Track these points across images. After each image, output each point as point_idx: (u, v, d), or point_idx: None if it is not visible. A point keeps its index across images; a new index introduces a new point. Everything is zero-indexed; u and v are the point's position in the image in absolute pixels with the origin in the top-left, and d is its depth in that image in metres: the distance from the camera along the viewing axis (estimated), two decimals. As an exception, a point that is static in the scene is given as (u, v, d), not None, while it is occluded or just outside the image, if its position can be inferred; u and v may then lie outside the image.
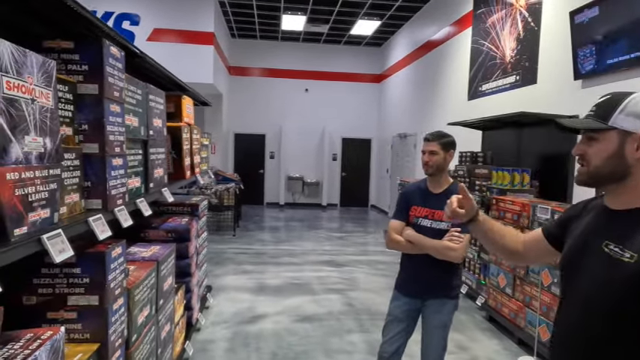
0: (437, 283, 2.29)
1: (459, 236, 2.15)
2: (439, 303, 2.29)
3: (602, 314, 1.01)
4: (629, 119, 0.99)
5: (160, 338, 2.29)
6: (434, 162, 2.26)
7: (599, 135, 1.03)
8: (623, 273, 0.96)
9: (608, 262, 1.00)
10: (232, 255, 6.27)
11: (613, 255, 1.00)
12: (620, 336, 0.99)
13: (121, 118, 1.68)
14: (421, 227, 2.28)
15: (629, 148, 1.00)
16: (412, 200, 2.36)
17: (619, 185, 1.04)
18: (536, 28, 4.84)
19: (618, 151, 1.01)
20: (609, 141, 1.02)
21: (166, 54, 7.90)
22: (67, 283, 1.54)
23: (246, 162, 11.70)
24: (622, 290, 0.97)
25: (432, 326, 2.30)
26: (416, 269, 2.33)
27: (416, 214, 2.32)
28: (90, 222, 1.40)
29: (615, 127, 1.01)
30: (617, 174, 1.03)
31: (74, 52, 1.50)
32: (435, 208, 2.27)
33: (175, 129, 2.86)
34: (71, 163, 1.42)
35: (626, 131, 1.00)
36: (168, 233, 3.07)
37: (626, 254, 0.97)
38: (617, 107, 1.01)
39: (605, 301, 1.00)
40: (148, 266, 2.09)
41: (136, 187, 1.98)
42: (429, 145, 2.28)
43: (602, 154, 1.03)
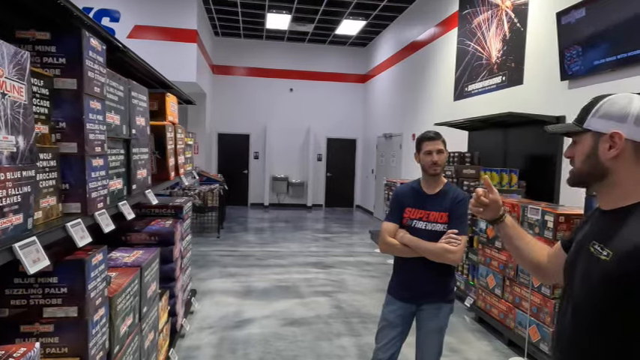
0: (433, 287, 2.22)
1: (456, 238, 2.10)
2: (435, 307, 2.23)
3: (585, 312, 1.03)
4: (600, 121, 1.04)
5: (144, 348, 2.18)
6: (442, 161, 2.21)
7: (579, 137, 1.10)
8: (599, 271, 0.98)
9: (590, 261, 1.03)
10: (217, 257, 6.13)
11: (595, 254, 1.02)
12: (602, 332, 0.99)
13: (101, 116, 1.57)
14: (415, 229, 2.21)
15: (602, 148, 1.04)
16: (406, 202, 2.29)
17: (602, 185, 1.08)
18: (522, 28, 4.86)
19: (593, 152, 1.05)
20: (585, 143, 1.07)
21: (148, 52, 7.66)
22: (42, 293, 1.43)
23: (230, 162, 11.53)
24: (599, 288, 0.99)
25: (428, 331, 2.24)
26: (411, 273, 2.25)
27: (410, 215, 2.25)
28: (68, 228, 1.29)
29: (589, 130, 1.06)
30: (595, 174, 1.07)
31: (50, 43, 1.39)
32: (429, 209, 2.22)
33: (159, 128, 2.74)
34: (47, 163, 1.31)
35: (599, 132, 1.04)
36: (152, 236, 2.94)
37: (604, 252, 0.99)
38: (591, 110, 1.06)
39: (587, 300, 1.02)
40: (131, 272, 1.97)
41: (118, 189, 1.87)
42: (436, 144, 2.20)
43: (581, 155, 1.08)
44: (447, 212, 2.18)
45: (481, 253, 4.06)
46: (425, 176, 2.28)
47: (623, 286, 0.93)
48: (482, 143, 5.49)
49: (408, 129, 8.41)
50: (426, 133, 2.26)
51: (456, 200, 2.19)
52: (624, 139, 1.00)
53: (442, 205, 2.19)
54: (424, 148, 2.23)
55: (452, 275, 2.29)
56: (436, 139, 2.22)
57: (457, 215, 2.17)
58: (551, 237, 3.12)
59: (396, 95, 9.43)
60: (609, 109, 1.04)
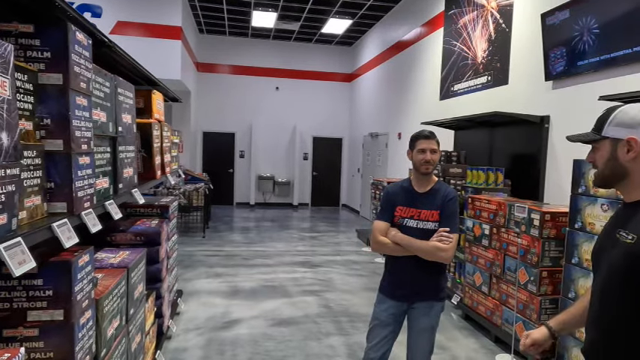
0: (425, 286, 2.23)
1: (447, 236, 2.10)
2: (427, 306, 2.23)
3: (611, 290, 1.16)
4: (616, 129, 1.19)
5: (131, 350, 2.13)
6: (435, 160, 2.20)
7: (598, 144, 1.23)
8: (625, 253, 1.11)
9: (617, 246, 1.15)
10: (203, 257, 6.06)
11: (621, 239, 1.14)
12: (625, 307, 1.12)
13: (88, 113, 1.52)
14: (407, 228, 2.21)
15: (620, 152, 1.18)
16: (397, 200, 2.28)
17: (624, 184, 1.21)
18: (508, 29, 4.92)
19: (613, 156, 1.19)
20: (605, 148, 1.21)
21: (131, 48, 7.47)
22: (26, 296, 1.38)
23: (215, 161, 11.42)
24: (624, 267, 1.11)
25: (419, 329, 2.24)
26: (403, 272, 2.25)
27: (401, 214, 2.24)
28: (54, 228, 1.24)
29: (607, 137, 1.20)
30: (617, 174, 1.20)
31: (34, 36, 1.33)
32: (421, 207, 2.21)
33: (145, 126, 2.68)
34: (31, 161, 1.26)
35: (616, 138, 1.18)
36: (137, 237, 2.88)
37: (629, 237, 1.12)
38: (607, 120, 1.20)
39: (613, 279, 1.14)
40: (118, 274, 1.92)
41: (104, 188, 1.82)
42: (430, 143, 2.20)
43: (602, 159, 1.22)
44: (438, 210, 2.18)
45: (468, 251, 4.10)
46: (416, 174, 2.27)
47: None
48: (468, 142, 5.54)
49: (394, 128, 8.45)
50: (422, 131, 2.26)
51: (446, 198, 2.19)
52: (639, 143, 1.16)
53: (433, 204, 2.20)
54: (418, 146, 2.22)
55: (443, 273, 2.30)
56: (431, 138, 2.22)
57: (448, 213, 2.17)
58: (537, 235, 3.16)
59: (382, 94, 9.47)
60: (623, 117, 1.18)
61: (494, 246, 3.69)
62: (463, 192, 4.55)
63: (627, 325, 1.12)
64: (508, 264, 3.50)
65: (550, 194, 4.10)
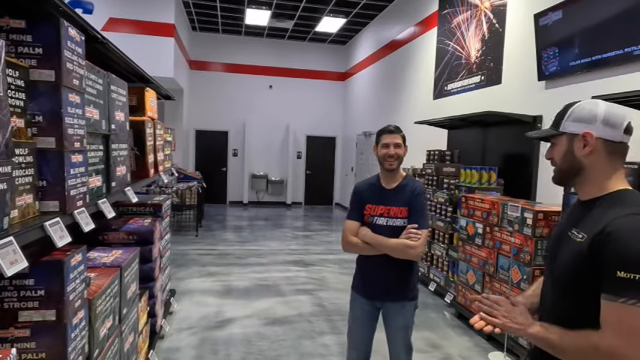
0: (395, 285, 2.19)
1: (416, 233, 2.06)
2: (399, 305, 2.20)
3: (562, 282, 1.20)
4: (574, 124, 1.20)
5: (124, 350, 2.11)
6: (399, 155, 2.16)
7: (556, 140, 1.25)
8: (575, 250, 1.14)
9: (569, 244, 1.18)
10: (196, 256, 6.03)
11: (572, 237, 1.18)
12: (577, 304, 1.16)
13: (80, 110, 1.50)
14: (377, 226, 2.17)
15: (577, 147, 1.20)
16: (366, 198, 2.24)
17: (579, 179, 1.23)
18: (501, 29, 4.94)
19: (569, 151, 1.21)
20: (562, 143, 1.23)
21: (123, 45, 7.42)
22: (17, 296, 1.36)
23: (208, 160, 11.35)
24: (574, 263, 1.14)
25: (394, 329, 2.22)
26: (373, 271, 2.22)
27: (371, 212, 2.20)
28: (46, 227, 1.22)
29: (565, 132, 1.21)
30: (573, 170, 1.22)
31: (26, 32, 1.31)
32: (390, 204, 2.16)
33: (138, 123, 2.66)
34: (23, 159, 1.24)
35: (573, 134, 1.20)
36: (130, 235, 2.85)
37: (579, 235, 1.15)
38: (565, 115, 1.22)
39: (565, 273, 1.18)
40: (111, 273, 1.90)
41: (97, 187, 1.80)
42: (394, 138, 2.16)
43: (560, 155, 1.23)
44: (406, 206, 2.14)
45: (461, 250, 4.12)
46: (382, 171, 2.23)
47: (591, 260, 1.09)
48: (462, 142, 5.57)
49: (387, 127, 8.45)
50: (387, 126, 2.23)
51: (414, 193, 2.15)
52: (595, 138, 1.17)
53: (401, 200, 2.15)
54: (382, 140, 2.19)
55: (414, 272, 2.25)
56: (395, 132, 2.18)
57: (416, 209, 2.13)
58: (530, 234, 3.18)
59: (375, 93, 9.48)
60: (580, 113, 1.20)
61: (487, 245, 3.71)
62: (457, 191, 4.57)
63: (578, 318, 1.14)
64: (501, 263, 3.52)
65: (542, 193, 4.13)
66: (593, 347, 1.05)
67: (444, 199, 4.74)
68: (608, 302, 1.04)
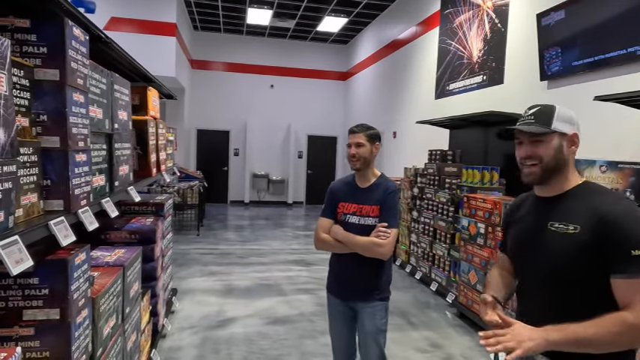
0: (366, 285, 2.15)
1: (385, 231, 2.04)
2: (370, 307, 2.15)
3: (565, 281, 1.23)
4: (563, 124, 1.29)
5: (127, 349, 2.11)
6: (361, 155, 2.13)
7: (544, 138, 1.28)
8: (571, 242, 1.21)
9: (557, 238, 1.25)
10: (197, 256, 6.03)
11: (559, 231, 1.25)
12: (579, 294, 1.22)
13: (84, 109, 1.50)
14: (349, 224, 2.15)
15: (565, 145, 1.29)
16: (339, 196, 2.23)
17: (557, 176, 1.30)
18: (503, 29, 4.94)
19: (559, 148, 1.28)
20: (553, 141, 1.28)
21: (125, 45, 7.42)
22: (22, 295, 1.36)
23: (209, 159, 11.36)
24: (573, 255, 1.20)
25: (366, 333, 2.17)
26: (344, 270, 2.20)
27: (344, 210, 2.19)
28: (51, 226, 1.23)
29: (556, 131, 1.28)
30: (559, 166, 1.29)
31: (31, 31, 1.31)
32: (362, 203, 2.14)
33: (141, 123, 2.66)
34: (27, 158, 1.24)
35: (563, 133, 1.28)
36: (132, 235, 2.86)
37: (570, 227, 1.23)
38: (553, 116, 1.29)
39: (565, 269, 1.22)
40: (114, 272, 1.91)
41: (100, 186, 1.80)
42: (355, 137, 2.15)
43: (550, 152, 1.28)
44: (378, 205, 2.11)
45: (463, 250, 4.11)
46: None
47: (596, 248, 1.17)
48: (464, 141, 5.56)
49: (389, 127, 8.46)
50: (353, 126, 2.23)
51: (386, 192, 2.13)
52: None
53: (373, 199, 2.13)
54: (348, 141, 2.20)
55: (385, 271, 2.19)
56: (357, 132, 2.16)
57: (387, 207, 2.10)
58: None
59: (377, 93, 9.47)
60: (565, 114, 1.30)
61: (489, 244, 3.71)
62: (458, 191, 4.56)
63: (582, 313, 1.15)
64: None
65: (544, 193, 4.12)
66: (628, 326, 1.09)
67: (445, 199, 4.74)
68: (627, 281, 1.12)
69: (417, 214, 5.42)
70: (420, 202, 5.33)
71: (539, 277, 1.30)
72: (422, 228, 5.26)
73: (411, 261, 5.55)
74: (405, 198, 5.80)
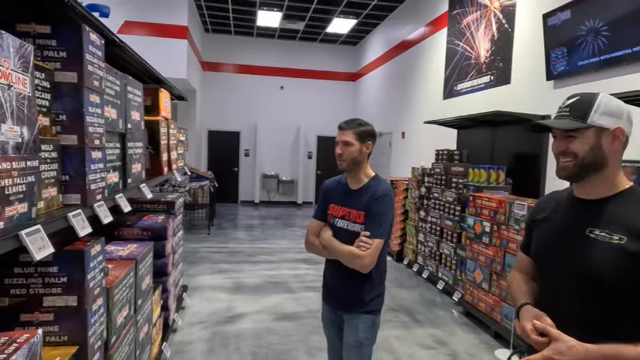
0: (351, 295, 1.96)
1: (366, 242, 1.83)
2: (354, 318, 1.97)
3: (602, 292, 1.12)
4: (603, 117, 1.15)
5: (139, 339, 2.21)
6: (348, 154, 1.93)
7: (578, 133, 1.17)
8: (616, 253, 1.09)
9: (597, 246, 1.13)
10: (207, 254, 6.14)
11: (601, 239, 1.13)
12: (617, 308, 1.12)
13: (100, 109, 1.59)
14: (337, 229, 1.99)
15: (606, 141, 1.16)
16: (331, 197, 2.07)
17: (597, 175, 1.18)
18: (510, 29, 4.96)
19: (597, 144, 1.16)
20: (589, 137, 1.16)
21: (138, 47, 7.59)
22: (42, 283, 1.46)
23: (220, 160, 11.51)
24: (615, 267, 1.09)
25: (346, 344, 2.01)
26: (332, 277, 2.07)
27: (333, 213, 2.02)
28: (69, 218, 1.32)
29: (593, 125, 1.15)
30: (597, 164, 1.17)
31: (51, 37, 1.41)
32: (352, 207, 1.96)
33: (153, 123, 2.76)
34: (48, 155, 1.34)
35: (602, 127, 1.15)
36: (144, 231, 2.96)
37: (614, 237, 1.11)
38: (591, 108, 1.16)
39: (604, 279, 1.11)
40: (127, 265, 2.00)
41: (115, 183, 1.89)
42: (342, 135, 1.94)
43: (585, 148, 1.16)
44: (364, 211, 1.91)
45: (469, 248, 4.15)
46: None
47: None
48: (471, 141, 5.59)
49: (397, 127, 8.50)
50: (342, 122, 2.00)
51: (374, 197, 1.91)
52: (625, 134, 1.16)
53: (361, 203, 1.93)
54: (336, 138, 1.99)
55: (375, 282, 1.96)
56: (345, 128, 1.96)
57: (372, 214, 1.88)
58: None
59: (386, 93, 9.52)
60: (608, 106, 1.16)
61: (494, 243, 3.74)
62: (465, 190, 4.60)
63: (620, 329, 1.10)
64: (508, 261, 3.55)
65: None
66: None
67: (452, 199, 4.77)
68: None
69: (424, 213, 5.46)
70: (428, 201, 5.37)
71: (572, 285, 1.18)
72: (429, 227, 5.29)
73: (419, 260, 5.59)
74: (413, 197, 5.84)
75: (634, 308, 1.11)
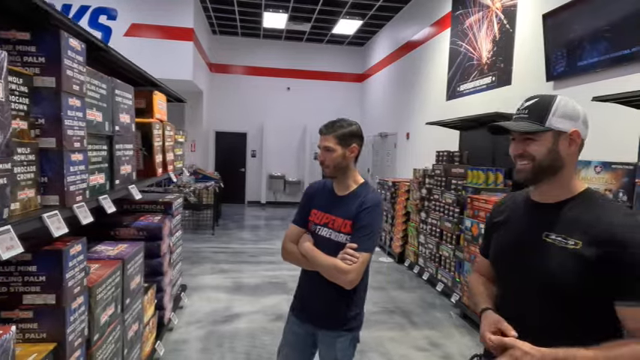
0: (329, 310, 1.81)
1: (353, 254, 1.68)
2: (332, 336, 1.81)
3: (559, 296, 1.12)
4: (561, 120, 1.15)
5: (127, 338, 2.25)
6: (330, 161, 1.79)
7: (536, 136, 1.16)
8: (572, 258, 1.09)
9: (553, 251, 1.13)
10: (210, 254, 6.21)
11: (557, 244, 1.13)
12: (574, 313, 1.12)
13: (81, 113, 1.63)
14: (319, 237, 1.82)
15: (563, 144, 1.16)
16: (314, 202, 1.90)
17: (553, 178, 1.18)
18: (511, 30, 4.92)
19: (555, 147, 1.15)
20: (547, 139, 1.15)
21: (144, 50, 7.78)
22: (22, 281, 1.50)
23: (227, 160, 11.61)
24: (570, 272, 1.09)
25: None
26: (309, 289, 1.89)
27: (315, 220, 1.86)
28: (44, 218, 1.36)
29: (551, 128, 1.15)
30: (554, 167, 1.16)
31: (30, 43, 1.45)
32: (337, 214, 1.80)
33: (146, 125, 2.81)
34: (25, 157, 1.38)
35: (559, 130, 1.15)
36: (140, 231, 3.02)
37: (570, 242, 1.11)
38: (549, 110, 1.15)
39: (560, 284, 1.11)
40: (113, 264, 2.04)
41: (100, 184, 1.94)
42: (323, 140, 1.81)
43: (542, 151, 1.15)
44: (351, 220, 1.76)
45: (466, 250, 4.12)
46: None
47: (602, 269, 1.06)
48: (473, 143, 5.55)
49: (402, 128, 8.48)
50: (323, 125, 1.86)
51: (362, 206, 1.75)
52: (580, 137, 1.16)
53: (347, 211, 1.77)
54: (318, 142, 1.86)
55: (357, 296, 1.82)
56: (325, 133, 1.81)
57: (359, 225, 1.73)
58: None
59: (391, 94, 9.50)
60: (565, 109, 1.16)
61: (491, 246, 3.71)
62: (464, 192, 4.57)
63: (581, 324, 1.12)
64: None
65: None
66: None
67: (451, 200, 4.75)
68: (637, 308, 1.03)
69: (424, 215, 5.44)
70: (428, 203, 5.35)
71: (530, 290, 1.17)
72: (429, 229, 5.27)
73: (419, 262, 5.57)
74: (414, 199, 5.83)
75: (590, 312, 1.11)
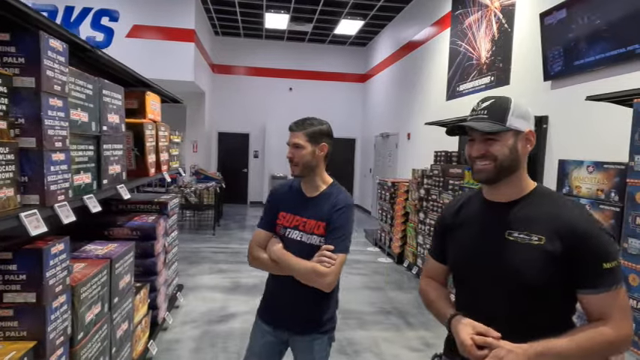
0: (304, 314, 1.78)
1: (330, 256, 1.66)
2: (308, 340, 1.78)
3: (528, 292, 1.14)
4: (518, 120, 1.18)
5: (115, 337, 2.26)
6: (299, 158, 1.77)
7: (499, 136, 1.17)
8: (536, 254, 1.12)
9: (518, 248, 1.15)
10: (209, 254, 6.23)
11: (521, 241, 1.15)
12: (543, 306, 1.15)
13: (63, 113, 1.65)
14: (290, 240, 1.77)
15: (520, 143, 1.19)
16: (281, 204, 1.85)
17: (511, 178, 1.20)
18: (510, 29, 4.89)
19: (514, 147, 1.18)
20: (508, 139, 1.17)
21: (146, 51, 7.83)
22: (2, 280, 1.51)
23: (230, 161, 11.65)
24: (538, 267, 1.12)
25: None
26: (280, 294, 1.83)
27: (284, 222, 1.80)
28: (21, 217, 1.37)
29: (512, 128, 1.17)
30: (513, 166, 1.19)
31: (10, 44, 1.47)
32: (308, 216, 1.76)
33: (138, 125, 2.82)
34: (4, 157, 1.39)
35: (518, 130, 1.18)
36: (134, 231, 3.03)
37: (533, 237, 1.14)
38: (508, 111, 1.17)
39: (528, 280, 1.13)
40: (99, 264, 2.05)
41: (86, 184, 1.95)
42: (292, 137, 1.79)
43: (504, 150, 1.17)
44: (324, 222, 1.73)
45: (463, 251, 4.10)
46: None
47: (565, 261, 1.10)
48: (471, 143, 5.51)
49: (404, 128, 8.45)
50: (293, 122, 1.84)
51: (335, 207, 1.74)
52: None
53: (319, 213, 1.75)
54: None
55: (332, 298, 1.82)
56: (295, 130, 1.79)
57: (334, 227, 1.72)
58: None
59: (393, 94, 9.48)
60: (520, 110, 1.18)
61: (486, 246, 3.69)
62: (461, 192, 4.55)
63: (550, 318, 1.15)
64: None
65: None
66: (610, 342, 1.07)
67: (448, 200, 4.72)
68: (603, 294, 1.09)
69: (423, 215, 5.42)
70: (427, 203, 5.33)
71: (498, 289, 1.18)
72: (428, 229, 5.25)
73: (418, 262, 5.55)
74: (413, 199, 5.81)
75: (559, 304, 1.16)
